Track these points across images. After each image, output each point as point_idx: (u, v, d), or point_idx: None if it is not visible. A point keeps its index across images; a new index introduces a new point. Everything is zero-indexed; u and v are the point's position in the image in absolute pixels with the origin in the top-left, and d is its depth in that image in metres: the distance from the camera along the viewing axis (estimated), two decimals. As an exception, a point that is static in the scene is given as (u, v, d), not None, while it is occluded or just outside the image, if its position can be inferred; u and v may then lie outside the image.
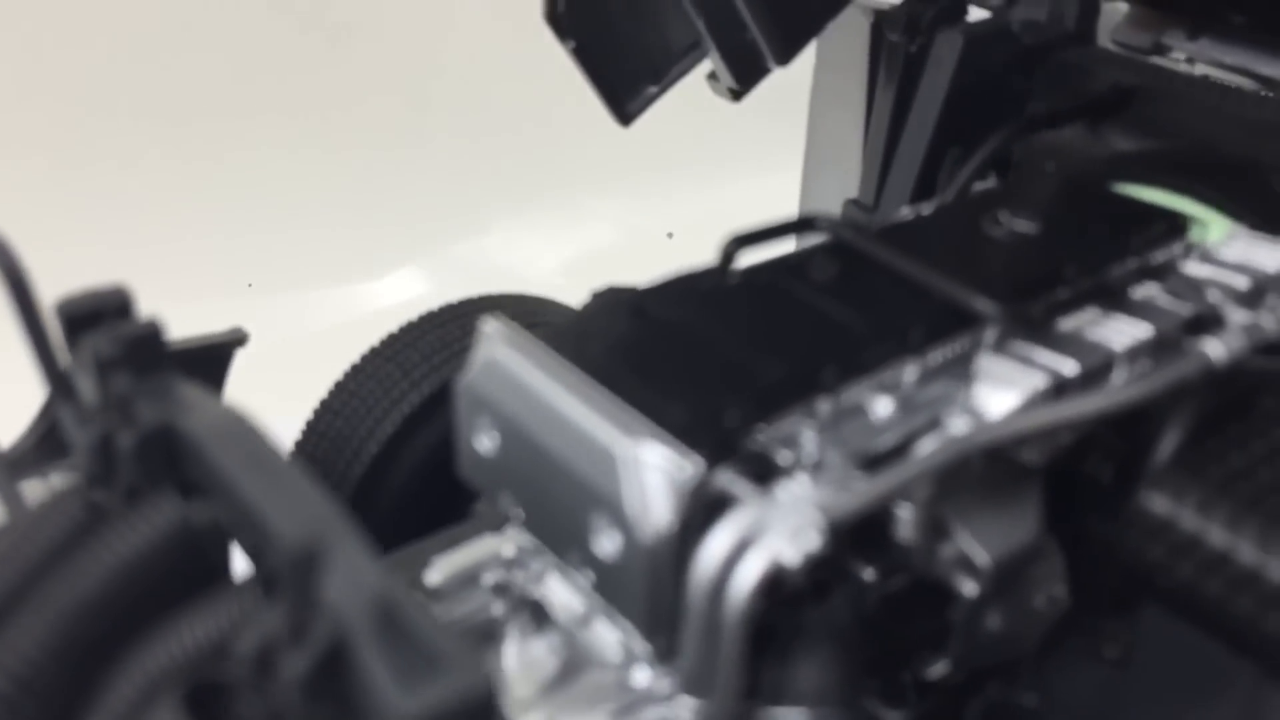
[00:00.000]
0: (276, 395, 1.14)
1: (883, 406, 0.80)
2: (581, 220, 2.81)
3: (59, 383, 0.74)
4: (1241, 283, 0.90)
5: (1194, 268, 0.93)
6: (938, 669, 0.88)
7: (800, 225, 0.91)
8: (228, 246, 2.62)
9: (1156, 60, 1.30)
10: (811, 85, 1.70)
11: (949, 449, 0.70)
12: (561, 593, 0.83)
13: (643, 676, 0.78)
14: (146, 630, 0.65)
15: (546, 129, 2.86)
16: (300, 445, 1.29)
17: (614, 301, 0.85)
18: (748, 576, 0.65)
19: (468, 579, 0.90)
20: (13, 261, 0.74)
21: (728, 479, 0.71)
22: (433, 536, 0.99)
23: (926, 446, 0.74)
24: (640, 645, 0.78)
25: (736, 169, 2.79)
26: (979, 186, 1.28)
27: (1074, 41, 1.30)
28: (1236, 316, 0.87)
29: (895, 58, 1.40)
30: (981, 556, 0.80)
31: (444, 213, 2.77)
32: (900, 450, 0.75)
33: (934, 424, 0.79)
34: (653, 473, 0.67)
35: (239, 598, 0.63)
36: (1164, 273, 0.89)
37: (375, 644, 0.53)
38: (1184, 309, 0.86)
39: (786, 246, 0.94)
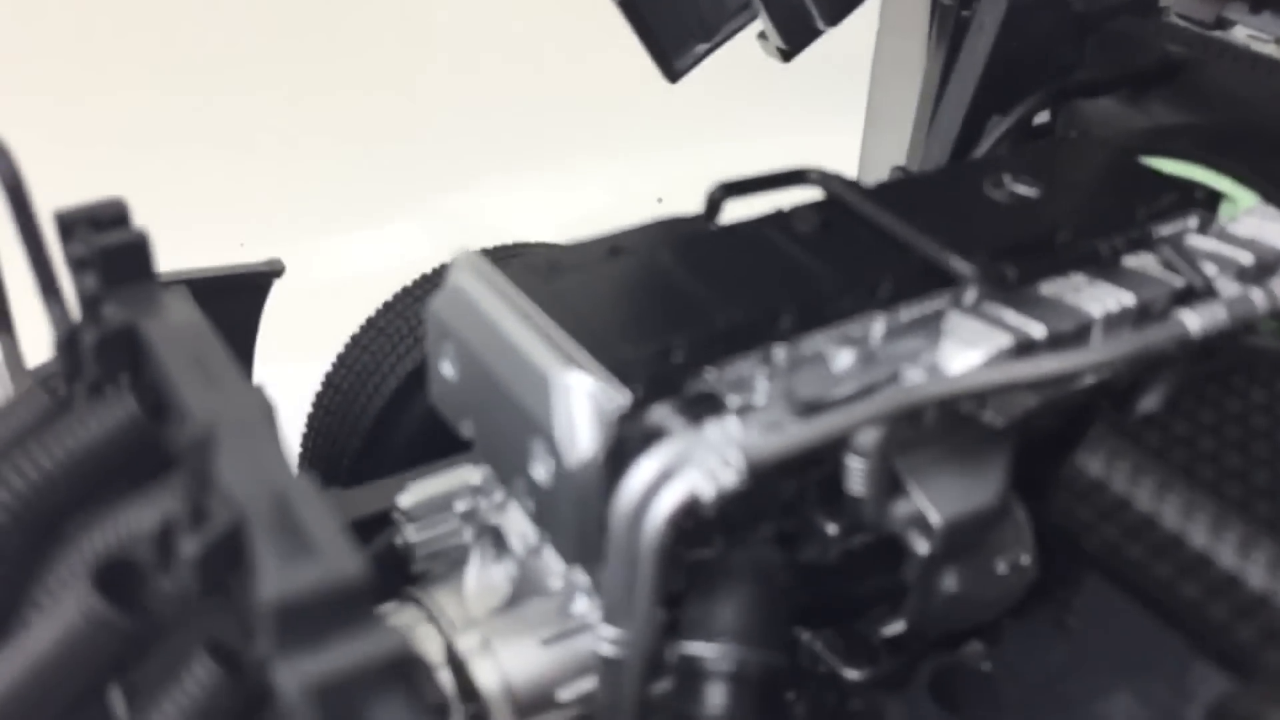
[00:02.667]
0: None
1: (844, 358, 0.79)
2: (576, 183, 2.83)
3: (46, 283, 0.78)
4: (1245, 258, 0.86)
5: (1199, 241, 0.90)
6: (894, 628, 0.88)
7: (791, 177, 0.91)
8: (222, 200, 2.66)
9: (1217, 35, 1.25)
10: (873, 51, 1.67)
11: (882, 401, 0.70)
12: (519, 521, 0.85)
13: (581, 606, 0.80)
14: (94, 512, 0.69)
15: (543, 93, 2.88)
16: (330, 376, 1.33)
17: (597, 240, 0.87)
18: (663, 507, 0.66)
19: (440, 505, 0.92)
20: (12, 168, 0.78)
21: (662, 414, 0.72)
22: (434, 464, 1.03)
23: (875, 399, 0.73)
24: (581, 576, 0.80)
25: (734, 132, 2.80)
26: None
27: (1130, 11, 1.25)
28: (1228, 291, 0.84)
29: (946, 21, 1.37)
30: (934, 515, 0.79)
31: (438, 171, 2.79)
32: (848, 401, 0.75)
33: (893, 378, 0.79)
34: (582, 400, 0.69)
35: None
36: (1166, 244, 0.86)
37: (266, 531, 0.56)
38: (1175, 280, 0.84)
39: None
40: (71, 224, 0.78)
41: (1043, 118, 1.30)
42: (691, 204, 0.92)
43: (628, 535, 0.67)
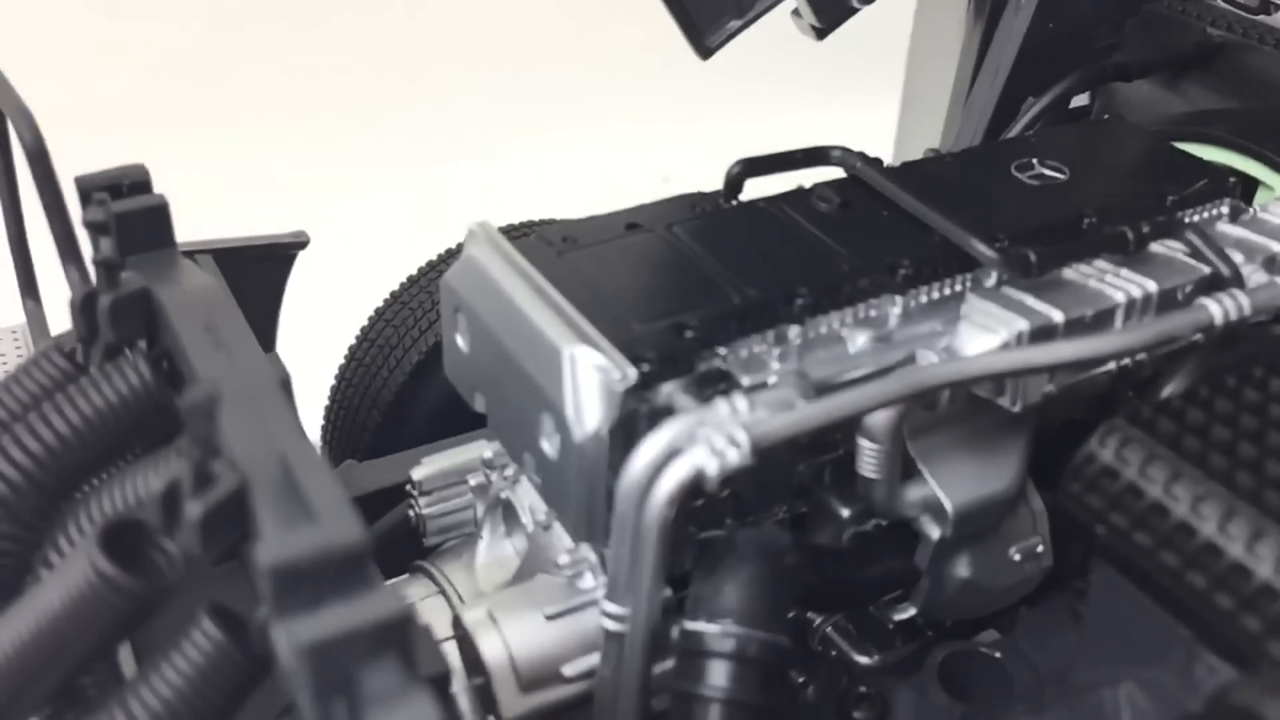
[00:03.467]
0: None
1: (859, 339, 0.79)
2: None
3: (67, 248, 0.79)
4: (1276, 247, 0.85)
5: (1228, 228, 0.88)
6: (906, 613, 0.87)
7: (812, 155, 0.90)
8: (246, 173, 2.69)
9: (1264, 19, 1.22)
10: (911, 31, 1.65)
11: (892, 383, 0.69)
12: (529, 496, 0.85)
13: (588, 582, 0.80)
14: (108, 474, 0.70)
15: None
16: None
17: (614, 214, 0.86)
18: (667, 484, 0.65)
19: (453, 479, 0.93)
20: (36, 133, 0.79)
21: (672, 391, 0.71)
22: (451, 439, 1.03)
23: (884, 382, 0.72)
24: (588, 552, 0.80)
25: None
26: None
27: (1173, -7, 1.23)
28: (1256, 279, 0.82)
29: (984, 2, 1.35)
30: (946, 500, 0.78)
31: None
32: (859, 382, 0.74)
33: (908, 361, 0.78)
34: (590, 375, 0.68)
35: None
36: (1193, 231, 0.85)
37: (269, 496, 0.56)
38: (1201, 268, 0.82)
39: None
40: (92, 190, 0.79)
41: (1082, 100, 1.28)
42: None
43: (632, 512, 0.67)
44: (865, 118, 1.83)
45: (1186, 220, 0.88)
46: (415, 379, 1.25)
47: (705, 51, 1.48)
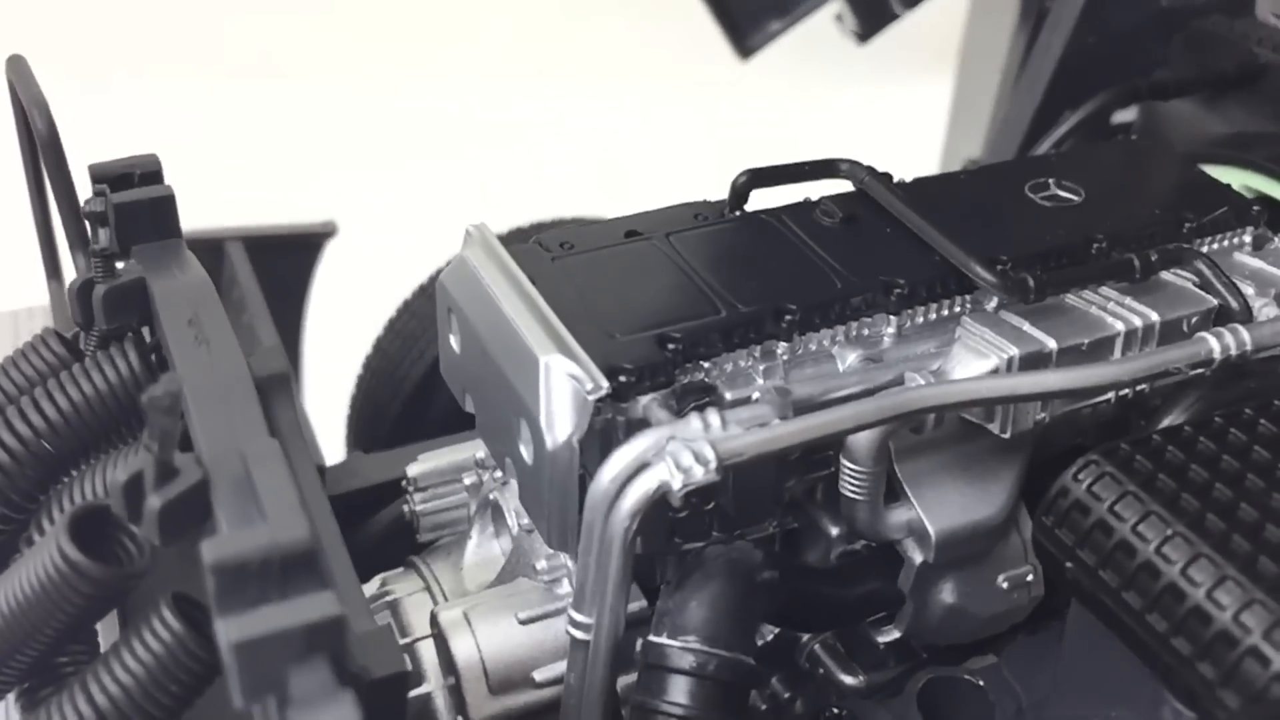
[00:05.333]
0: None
1: (849, 358, 0.78)
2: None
3: (77, 234, 0.81)
4: (1293, 280, 0.82)
5: (1246, 259, 0.85)
6: (891, 635, 0.86)
7: (820, 168, 0.89)
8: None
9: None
10: (963, 35, 1.63)
11: (870, 406, 0.68)
12: (516, 499, 0.86)
13: (566, 589, 0.80)
14: (96, 460, 0.71)
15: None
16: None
17: (616, 220, 0.86)
18: (632, 497, 0.65)
19: (448, 476, 0.94)
20: (49, 121, 0.81)
21: (648, 404, 0.71)
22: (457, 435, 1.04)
23: (864, 404, 0.72)
24: (568, 559, 0.80)
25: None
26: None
27: (1222, 9, 1.19)
28: (1267, 313, 0.80)
29: (1029, 12, 1.32)
30: (929, 525, 0.77)
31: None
32: (839, 402, 0.74)
33: (897, 383, 0.77)
34: (562, 383, 0.69)
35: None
36: (1205, 261, 0.82)
37: (227, 493, 0.58)
38: (1210, 299, 0.80)
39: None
40: (105, 178, 0.80)
41: (1127, 116, 1.25)
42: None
43: (599, 522, 0.67)
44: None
45: (1202, 249, 0.85)
46: (435, 372, 1.26)
47: (746, 51, 1.47)
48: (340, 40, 2.96)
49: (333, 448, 1.34)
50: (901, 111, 2.48)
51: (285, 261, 1.28)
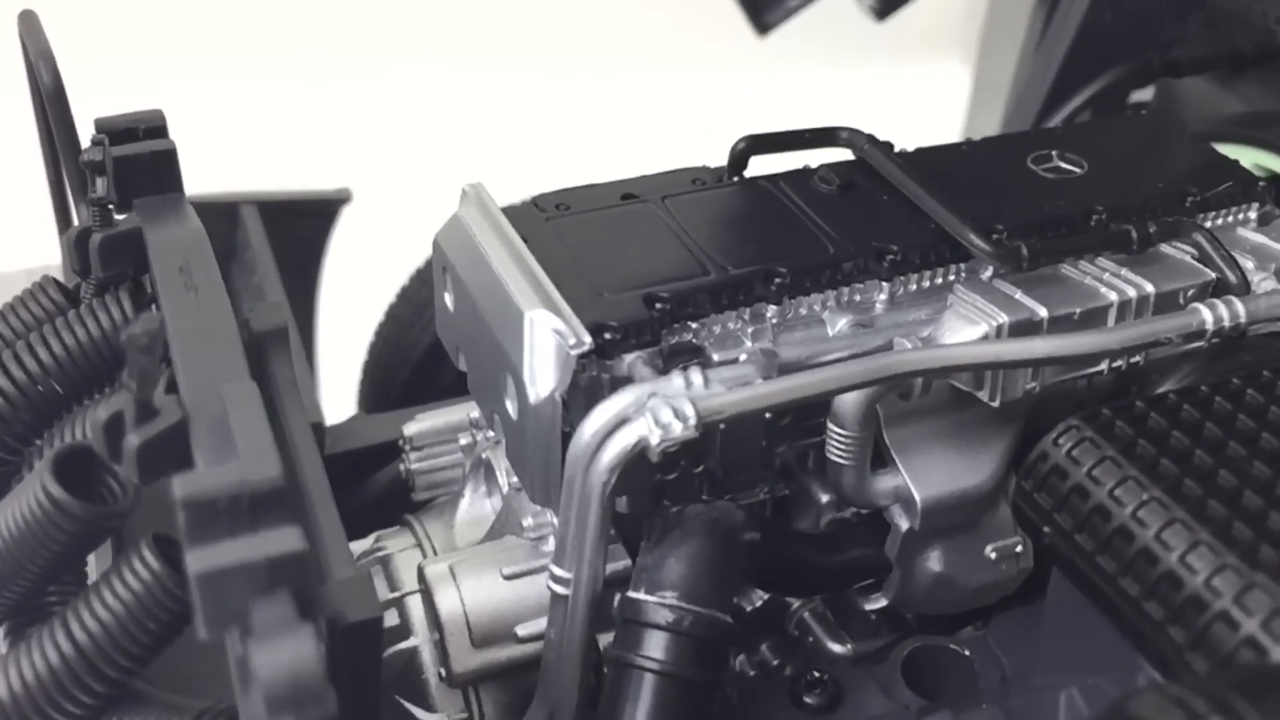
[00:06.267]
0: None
1: (841, 323, 0.78)
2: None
3: (79, 187, 0.82)
4: (1294, 255, 0.81)
5: (1249, 234, 0.84)
6: (878, 603, 0.86)
7: (820, 135, 0.89)
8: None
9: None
10: (983, 18, 1.61)
11: (853, 368, 0.68)
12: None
13: (551, 546, 0.80)
14: (85, 404, 0.73)
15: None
16: None
17: (614, 183, 0.86)
18: (610, 452, 0.66)
19: (444, 436, 0.94)
20: (55, 73, 0.82)
21: (632, 362, 0.72)
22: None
23: (847, 366, 0.71)
24: (554, 516, 0.80)
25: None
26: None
27: (1242, -12, 1.17)
28: (1265, 286, 0.79)
29: (1048, -10, 1.31)
30: (915, 491, 0.77)
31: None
32: (823, 365, 0.73)
33: (887, 349, 0.77)
34: (546, 338, 0.69)
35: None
36: (1204, 234, 0.81)
37: (204, 434, 0.58)
38: (1207, 273, 0.79)
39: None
40: (110, 132, 0.82)
41: (1146, 96, 1.23)
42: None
43: (579, 477, 0.67)
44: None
45: (1205, 224, 0.84)
46: None
47: (763, 27, 1.47)
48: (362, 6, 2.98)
49: (348, 413, 1.36)
50: (921, 91, 2.46)
51: (301, 226, 1.29)
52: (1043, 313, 0.75)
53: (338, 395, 1.46)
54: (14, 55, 0.87)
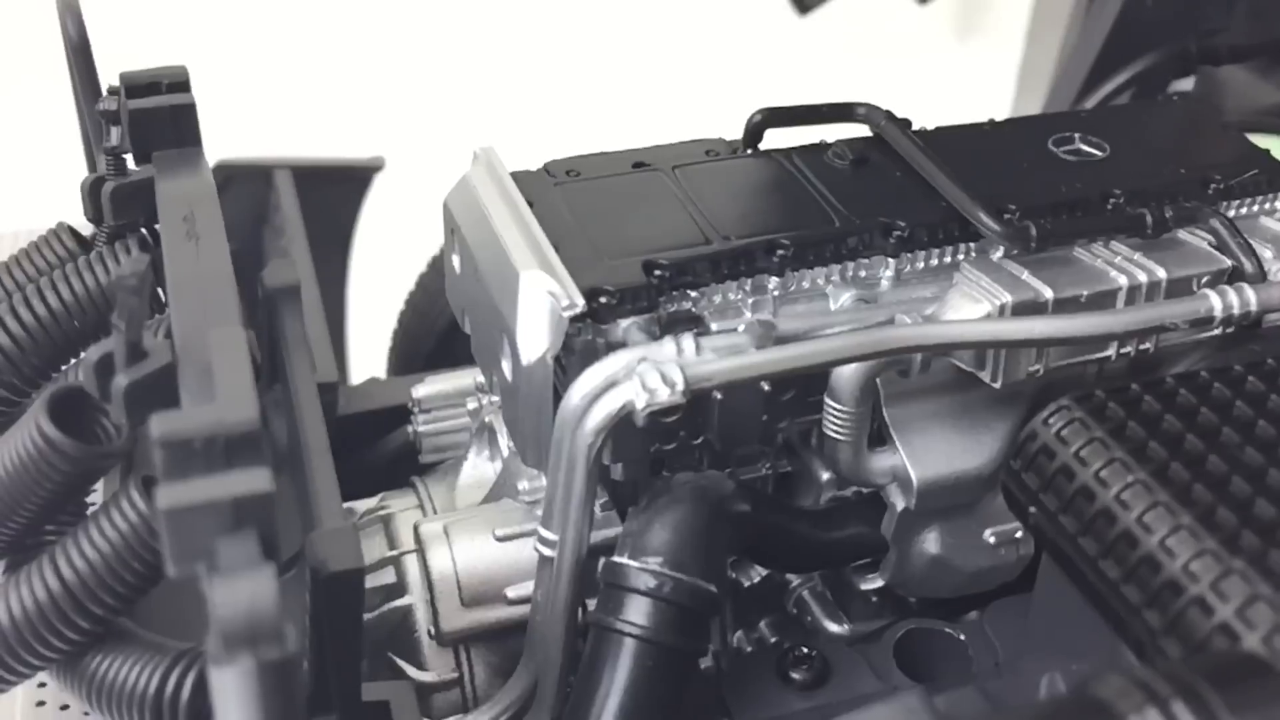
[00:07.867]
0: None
1: (844, 297, 0.77)
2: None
3: (97, 136, 0.83)
4: (1318, 245, 0.79)
5: (1272, 223, 0.82)
6: (875, 583, 0.85)
7: (837, 110, 0.88)
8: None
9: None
10: (1031, 2, 1.59)
11: (848, 341, 0.68)
12: (509, 421, 0.86)
13: (545, 509, 0.80)
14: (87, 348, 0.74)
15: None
16: None
17: (626, 152, 0.86)
18: (596, 415, 0.66)
19: (452, 400, 0.95)
20: (80, 26, 0.84)
21: (627, 327, 0.71)
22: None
23: (841, 339, 0.71)
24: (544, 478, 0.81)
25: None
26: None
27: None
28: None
29: (1094, -26, 1.28)
30: (912, 471, 0.76)
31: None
32: (819, 338, 0.73)
33: (889, 323, 0.76)
34: (540, 299, 0.69)
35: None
36: (1223, 220, 0.79)
37: (191, 377, 0.59)
38: (1224, 260, 0.77)
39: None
40: (134, 86, 0.83)
41: (1186, 85, 1.21)
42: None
43: (567, 439, 0.68)
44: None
45: (1228, 212, 0.82)
46: None
47: (805, 8, 1.46)
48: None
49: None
50: (969, 76, 2.41)
51: (333, 192, 1.30)
52: (1048, 294, 0.73)
53: (371, 362, 1.47)
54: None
